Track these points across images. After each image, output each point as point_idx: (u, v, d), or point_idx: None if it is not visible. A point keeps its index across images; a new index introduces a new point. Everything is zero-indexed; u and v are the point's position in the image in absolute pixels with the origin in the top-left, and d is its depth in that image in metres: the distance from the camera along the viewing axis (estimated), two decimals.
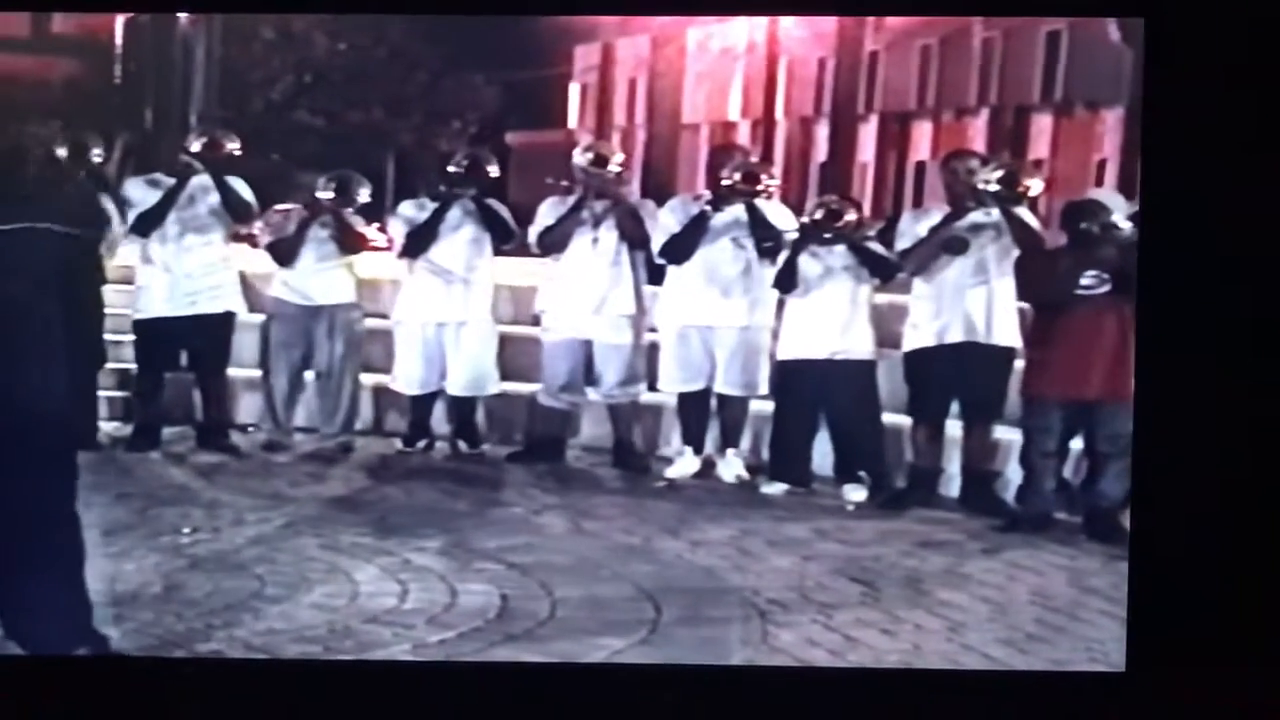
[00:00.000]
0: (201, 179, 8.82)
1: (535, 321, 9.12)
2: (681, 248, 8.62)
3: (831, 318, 8.31)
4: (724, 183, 8.56)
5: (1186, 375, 5.18)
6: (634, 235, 8.79)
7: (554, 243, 8.84)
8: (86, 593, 5.02)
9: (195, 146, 8.93)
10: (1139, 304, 5.51)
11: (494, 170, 9.17)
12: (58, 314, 4.82)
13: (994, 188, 8.04)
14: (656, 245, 8.69)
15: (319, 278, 8.99)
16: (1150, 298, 5.36)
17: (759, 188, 8.59)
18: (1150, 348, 5.32)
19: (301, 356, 9.03)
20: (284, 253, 8.99)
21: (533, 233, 8.91)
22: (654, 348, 8.94)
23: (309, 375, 9.12)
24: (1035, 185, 8.29)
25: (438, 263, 8.97)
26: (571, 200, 8.88)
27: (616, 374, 8.88)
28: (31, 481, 4.78)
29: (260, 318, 9.18)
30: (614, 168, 8.92)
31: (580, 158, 8.95)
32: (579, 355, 8.92)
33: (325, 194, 8.97)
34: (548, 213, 8.90)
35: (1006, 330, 8.12)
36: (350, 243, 9.01)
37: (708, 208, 8.58)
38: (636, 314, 8.88)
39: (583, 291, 8.83)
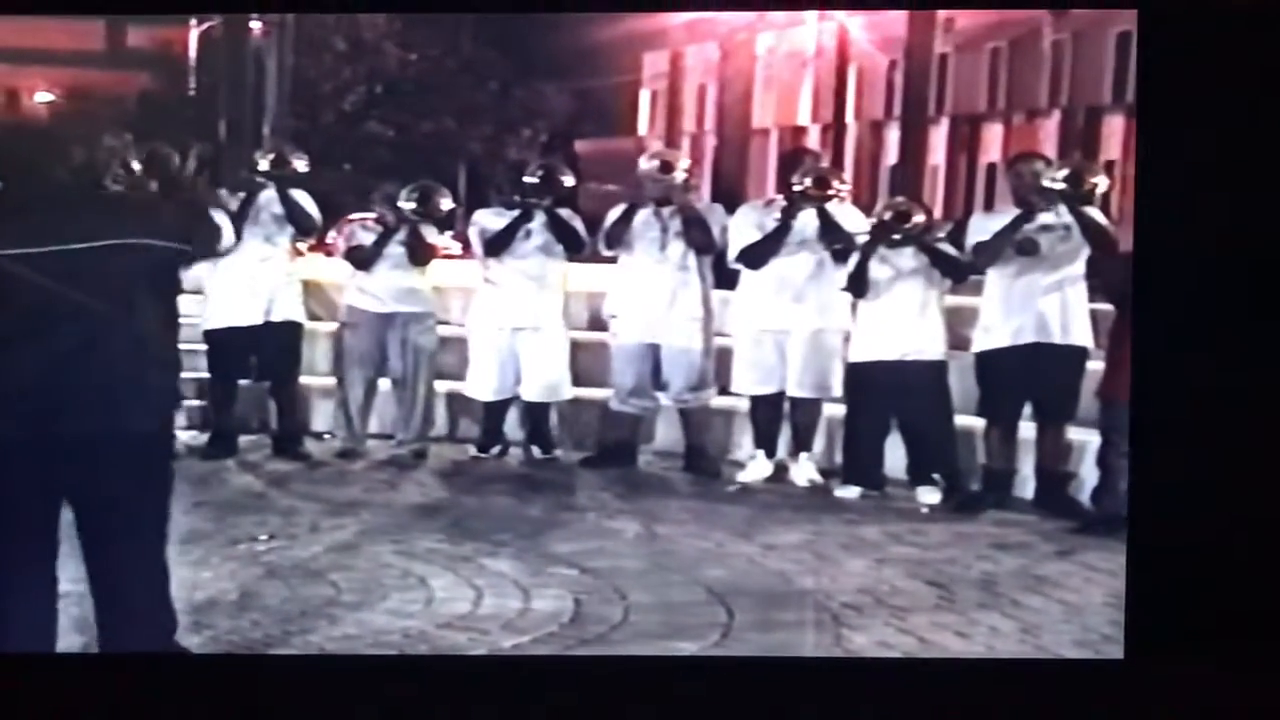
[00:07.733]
0: (269, 192, 8.95)
1: (606, 327, 9.16)
2: (760, 254, 8.61)
3: (903, 319, 8.29)
4: (795, 188, 8.56)
5: (1185, 366, 5.14)
6: (701, 241, 8.81)
7: (615, 241, 8.92)
8: (172, 605, 5.07)
9: (263, 164, 9.04)
10: (1134, 297, 5.45)
11: (569, 180, 9.20)
12: (151, 327, 4.89)
13: (1060, 187, 8.02)
14: (732, 251, 8.70)
15: (393, 286, 9.05)
16: (1146, 291, 5.31)
17: (830, 192, 8.58)
18: (1148, 338, 5.28)
19: (376, 364, 9.10)
20: (362, 260, 9.06)
21: (601, 235, 8.99)
22: (724, 352, 8.95)
23: (384, 383, 9.20)
24: (1101, 183, 8.26)
25: (512, 270, 9.02)
26: (632, 205, 8.91)
27: (686, 378, 8.89)
28: (129, 495, 4.82)
29: (333, 326, 9.27)
30: (679, 174, 8.95)
31: (646, 164, 8.99)
32: (648, 360, 8.94)
33: (408, 204, 9.05)
34: (613, 216, 8.97)
35: (1079, 331, 8.08)
36: (423, 254, 9.07)
37: (782, 216, 8.58)
38: (705, 318, 8.88)
39: (651, 296, 8.86)
